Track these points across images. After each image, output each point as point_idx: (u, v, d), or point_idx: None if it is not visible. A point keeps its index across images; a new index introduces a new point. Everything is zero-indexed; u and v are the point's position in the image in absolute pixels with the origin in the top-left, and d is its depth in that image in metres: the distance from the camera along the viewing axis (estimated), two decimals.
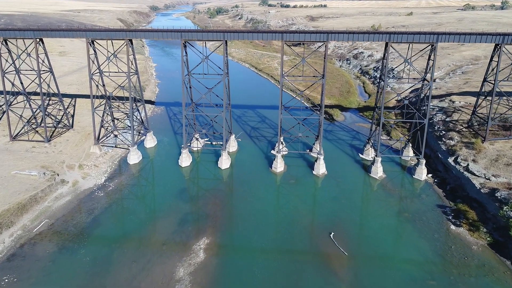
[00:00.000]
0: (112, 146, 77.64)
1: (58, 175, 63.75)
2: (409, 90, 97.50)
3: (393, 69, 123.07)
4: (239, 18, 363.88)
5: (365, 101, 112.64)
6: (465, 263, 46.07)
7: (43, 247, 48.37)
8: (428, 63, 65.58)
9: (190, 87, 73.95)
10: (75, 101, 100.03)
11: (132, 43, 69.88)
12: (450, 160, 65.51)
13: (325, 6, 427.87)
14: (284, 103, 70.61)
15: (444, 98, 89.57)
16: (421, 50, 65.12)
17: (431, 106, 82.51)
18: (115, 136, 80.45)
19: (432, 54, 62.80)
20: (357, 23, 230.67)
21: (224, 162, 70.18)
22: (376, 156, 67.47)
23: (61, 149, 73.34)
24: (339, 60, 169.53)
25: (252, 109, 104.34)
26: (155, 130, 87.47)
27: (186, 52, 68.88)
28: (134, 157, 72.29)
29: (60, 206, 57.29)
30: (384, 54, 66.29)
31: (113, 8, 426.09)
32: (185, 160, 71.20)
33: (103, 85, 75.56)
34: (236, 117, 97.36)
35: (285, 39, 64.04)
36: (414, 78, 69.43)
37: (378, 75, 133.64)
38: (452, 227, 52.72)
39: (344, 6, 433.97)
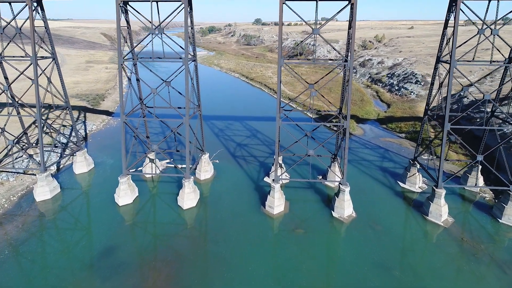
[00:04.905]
0: (18, 173, 50.48)
1: None
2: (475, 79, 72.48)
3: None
4: (232, 35, 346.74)
5: (385, 111, 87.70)
6: None
7: None
8: None
9: (137, 80, 48.06)
10: None
11: (42, 8, 44.32)
12: None
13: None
14: (286, 110, 45.13)
15: (503, 102, 64.71)
16: (505, 15, 39.97)
17: (488, 113, 57.13)
18: (30, 156, 53.52)
19: None
20: (359, 35, 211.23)
21: (187, 198, 42.96)
22: (436, 187, 41.19)
23: None
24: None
25: (238, 121, 78.44)
26: (100, 148, 60.93)
27: (127, 22, 43.52)
28: (44, 190, 45.02)
29: None
30: (446, 21, 41.42)
31: (101, 25, 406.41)
32: (124, 194, 43.95)
33: (6, 78, 49.64)
34: (217, 131, 71.21)
35: None
36: (489, 61, 44.89)
37: (395, 82, 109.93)
38: None
39: (340, 23, 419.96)
